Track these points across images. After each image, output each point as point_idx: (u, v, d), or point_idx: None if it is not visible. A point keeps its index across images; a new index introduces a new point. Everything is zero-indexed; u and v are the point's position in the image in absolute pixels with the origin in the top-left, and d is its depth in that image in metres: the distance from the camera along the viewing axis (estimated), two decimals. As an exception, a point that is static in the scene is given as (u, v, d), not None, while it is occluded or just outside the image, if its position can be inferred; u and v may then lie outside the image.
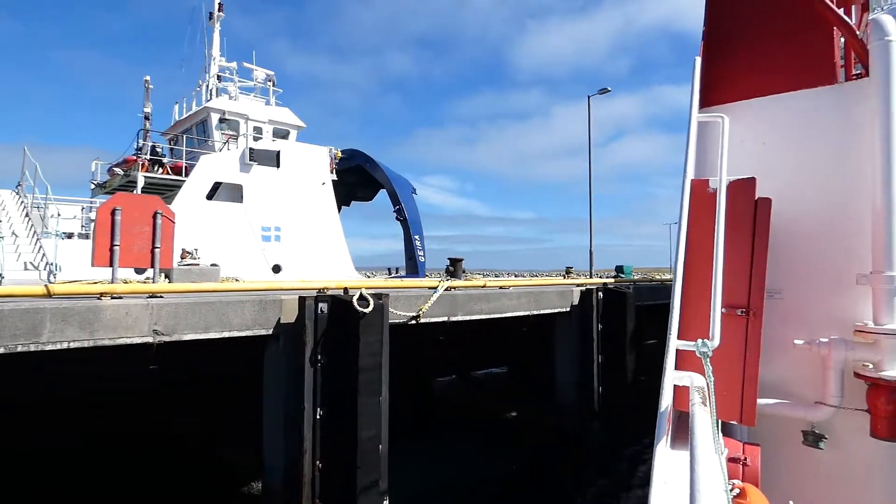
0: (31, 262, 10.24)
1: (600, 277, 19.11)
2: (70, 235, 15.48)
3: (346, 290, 7.85)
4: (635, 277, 20.04)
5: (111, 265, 6.67)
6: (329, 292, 8.15)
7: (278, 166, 18.64)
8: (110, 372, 7.63)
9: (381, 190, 27.38)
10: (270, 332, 7.43)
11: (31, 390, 8.08)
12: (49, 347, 5.82)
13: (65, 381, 8.05)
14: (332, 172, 20.49)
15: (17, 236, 11.26)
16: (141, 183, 17.48)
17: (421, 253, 22.53)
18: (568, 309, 12.52)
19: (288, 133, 21.26)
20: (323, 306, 7.45)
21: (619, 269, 20.39)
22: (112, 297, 6.41)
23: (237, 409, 9.11)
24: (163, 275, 10.08)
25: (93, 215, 15.82)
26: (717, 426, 3.26)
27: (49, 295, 6.01)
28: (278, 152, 18.77)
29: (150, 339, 6.46)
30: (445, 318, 9.75)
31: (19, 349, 5.64)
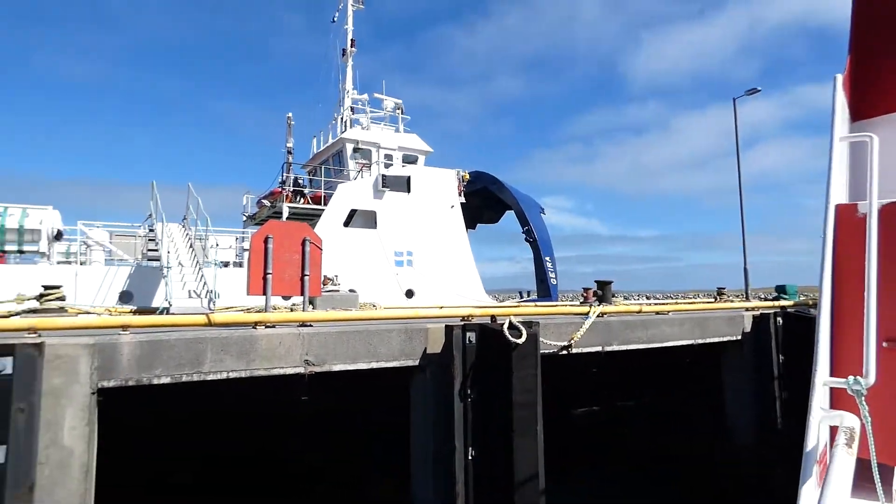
0: (194, 291, 10.98)
1: (761, 299, 16.70)
2: (226, 264, 16.74)
3: (493, 317, 7.21)
4: (801, 298, 17.30)
5: (264, 293, 6.65)
6: (475, 320, 7.57)
7: (409, 191, 18.84)
8: (260, 400, 7.66)
9: (507, 211, 26.85)
10: (417, 362, 6.99)
11: (184, 414, 8.39)
12: (210, 377, 5.82)
13: (217, 407, 8.28)
14: (460, 195, 20.33)
15: (182, 266, 12.21)
16: (286, 213, 18.55)
17: (553, 275, 21.49)
18: (738, 337, 10.79)
19: (416, 158, 21.57)
20: (471, 335, 6.85)
21: (781, 289, 17.63)
22: (266, 326, 6.35)
23: (383, 442, 8.80)
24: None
25: (246, 244, 16.98)
26: (876, 471, 3.05)
27: (209, 324, 6.06)
28: (409, 177, 19.00)
29: (301, 370, 6.29)
30: (599, 348, 8.72)
31: (184, 378, 5.69)
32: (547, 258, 21.60)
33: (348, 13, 23.14)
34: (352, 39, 23.10)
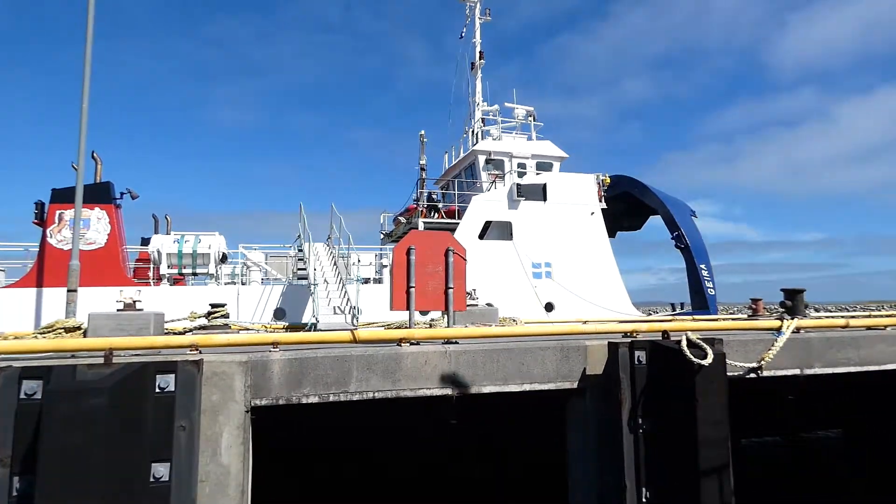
0: (338, 307, 11.20)
1: None
2: (366, 280, 17.19)
3: (665, 333, 6.15)
4: None
5: (407, 308, 6.30)
6: (640, 335, 6.56)
7: (545, 199, 18.00)
8: (403, 424, 7.30)
9: (651, 217, 24.75)
10: (575, 384, 6.16)
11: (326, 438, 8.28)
12: (356, 398, 5.54)
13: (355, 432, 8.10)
14: (600, 201, 19.02)
15: (327, 283, 12.59)
16: (421, 228, 18.68)
17: (710, 285, 19.17)
18: None
19: (551, 165, 20.67)
20: (640, 354, 5.87)
21: None
22: (410, 344, 5.96)
23: (529, 470, 8.00)
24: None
25: (385, 261, 17.32)
26: None
27: (354, 341, 5.82)
28: (544, 185, 18.17)
29: (448, 391, 5.79)
30: (797, 371, 7.16)
31: (331, 398, 5.46)
32: (702, 266, 19.35)
33: (476, 26, 23.09)
34: (480, 52, 22.97)
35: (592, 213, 18.61)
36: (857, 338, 7.65)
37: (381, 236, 23.56)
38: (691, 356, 5.40)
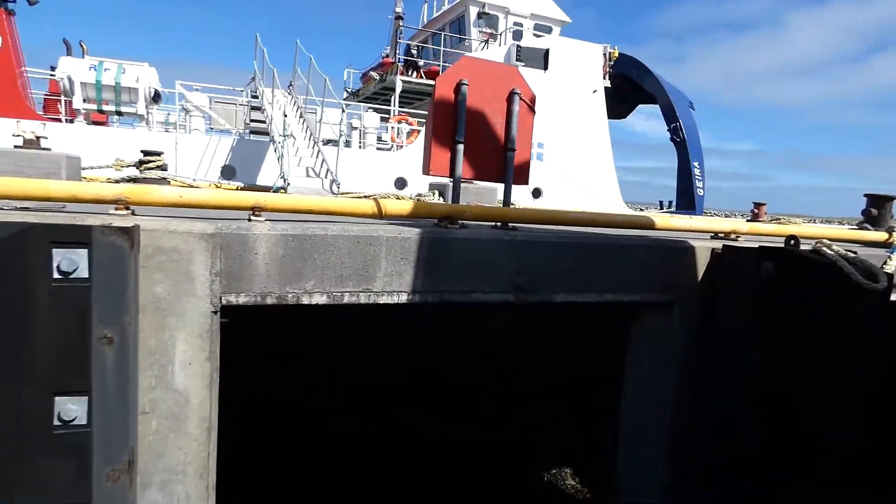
0: (312, 169, 8.99)
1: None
2: (327, 142, 14.70)
3: (792, 239, 4.56)
4: None
5: (451, 175, 4.32)
6: (741, 239, 4.99)
7: (545, 68, 15.56)
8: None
9: (640, 106, 22.90)
10: (669, 296, 4.58)
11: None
12: (384, 300, 3.71)
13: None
14: (604, 77, 16.81)
15: (294, 139, 10.16)
16: (399, 88, 15.99)
17: (700, 185, 18.04)
18: None
19: (551, 29, 17.93)
20: (767, 265, 4.29)
21: None
22: (450, 223, 4.06)
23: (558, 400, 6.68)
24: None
25: (355, 122, 14.75)
26: None
27: (380, 215, 3.85)
28: (547, 51, 15.63)
29: (510, 297, 4.06)
30: None
31: (346, 300, 3.60)
32: (695, 163, 18.05)
33: None
34: None
35: (595, 91, 16.47)
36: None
37: (346, 95, 20.52)
38: (860, 276, 3.86)
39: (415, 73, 17.06)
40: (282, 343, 6.02)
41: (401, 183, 14.28)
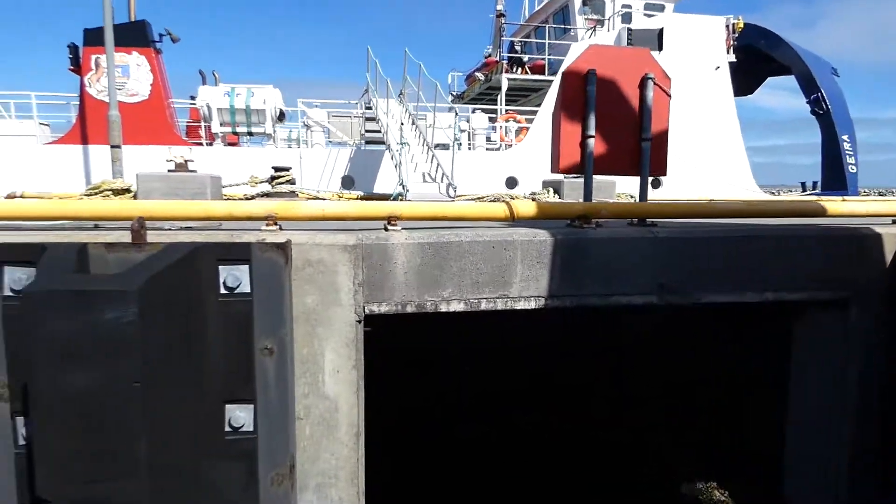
0: (428, 174, 9.13)
1: None
2: (438, 147, 14.88)
3: None
4: None
5: (582, 172, 4.09)
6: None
7: (661, 49, 14.57)
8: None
9: (771, 78, 20.79)
10: (847, 293, 3.99)
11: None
12: (520, 305, 3.58)
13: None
14: (728, 52, 15.43)
15: (409, 146, 10.39)
16: (505, 86, 15.83)
17: (852, 161, 15.92)
18: None
19: (663, 7, 16.79)
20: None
21: None
22: (585, 223, 3.83)
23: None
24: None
25: (464, 125, 14.82)
26: None
27: (513, 218, 3.74)
28: (661, 31, 14.64)
29: (653, 299, 3.76)
30: None
31: (483, 306, 3.53)
32: (844, 136, 15.96)
33: None
34: None
35: (718, 68, 15.16)
36: None
37: (451, 98, 20.71)
38: None
39: (519, 70, 16.80)
40: (414, 351, 6.12)
41: (511, 182, 14.10)
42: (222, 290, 2.71)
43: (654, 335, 6.39)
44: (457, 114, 12.99)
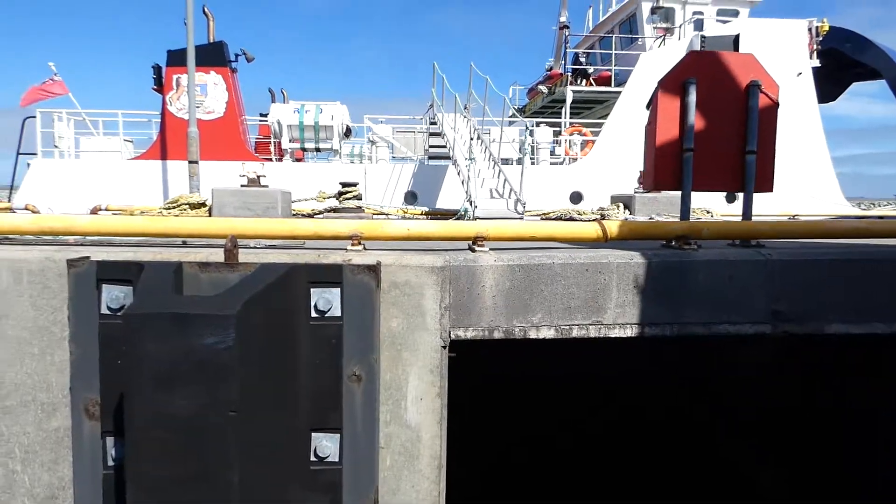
0: (495, 189, 8.98)
1: None
2: (505, 161, 14.69)
3: None
4: None
5: (681, 188, 3.80)
6: None
7: (738, 56, 13.86)
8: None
9: (855, 84, 19.42)
10: None
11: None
12: (615, 333, 3.33)
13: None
14: (811, 57, 14.51)
15: (474, 161, 10.27)
16: (569, 99, 15.51)
17: (955, 171, 14.48)
18: None
19: (737, 13, 16.03)
20: None
21: None
22: (685, 244, 3.52)
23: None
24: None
25: (532, 139, 14.57)
26: None
27: (605, 238, 3.49)
28: (737, 37, 13.95)
29: (766, 329, 3.40)
30: None
31: (574, 333, 3.29)
32: (946, 147, 14.58)
33: None
34: None
35: (800, 74, 14.27)
36: None
37: (512, 111, 20.54)
38: None
39: (584, 82, 16.43)
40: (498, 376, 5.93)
41: (576, 197, 13.72)
42: (313, 314, 2.62)
43: (756, 366, 5.88)
44: (527, 127, 12.77)
